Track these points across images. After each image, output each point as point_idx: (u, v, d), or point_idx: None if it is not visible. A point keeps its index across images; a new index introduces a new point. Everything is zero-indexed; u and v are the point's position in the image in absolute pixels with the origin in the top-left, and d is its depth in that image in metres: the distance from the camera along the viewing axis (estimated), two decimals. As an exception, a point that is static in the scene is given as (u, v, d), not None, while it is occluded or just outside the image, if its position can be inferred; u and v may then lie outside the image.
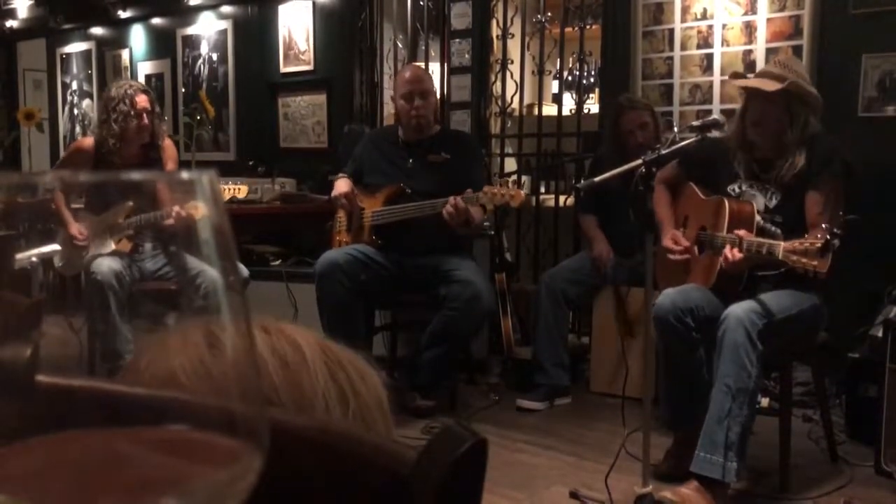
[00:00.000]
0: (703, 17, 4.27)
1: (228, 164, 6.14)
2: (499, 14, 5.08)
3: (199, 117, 6.12)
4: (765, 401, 3.53)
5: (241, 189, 3.93)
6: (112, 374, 0.40)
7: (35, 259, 0.34)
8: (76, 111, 7.89)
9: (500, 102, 5.11)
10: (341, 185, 3.88)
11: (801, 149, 2.87)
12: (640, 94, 4.43)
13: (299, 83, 5.99)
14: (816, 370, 3.19)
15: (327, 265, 3.63)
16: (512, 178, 4.96)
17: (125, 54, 7.27)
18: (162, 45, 6.97)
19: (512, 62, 5.03)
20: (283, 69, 6.09)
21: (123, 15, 7.08)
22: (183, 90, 6.76)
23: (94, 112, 7.60)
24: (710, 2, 4.24)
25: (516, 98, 5.04)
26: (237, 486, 0.32)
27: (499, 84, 5.10)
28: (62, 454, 0.32)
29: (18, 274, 0.34)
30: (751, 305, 2.73)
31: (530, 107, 5.21)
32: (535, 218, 4.89)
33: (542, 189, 5.13)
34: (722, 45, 4.23)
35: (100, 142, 3.73)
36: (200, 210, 0.33)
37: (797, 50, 3.97)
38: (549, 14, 4.91)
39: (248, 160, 5.97)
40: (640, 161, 2.60)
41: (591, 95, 5.02)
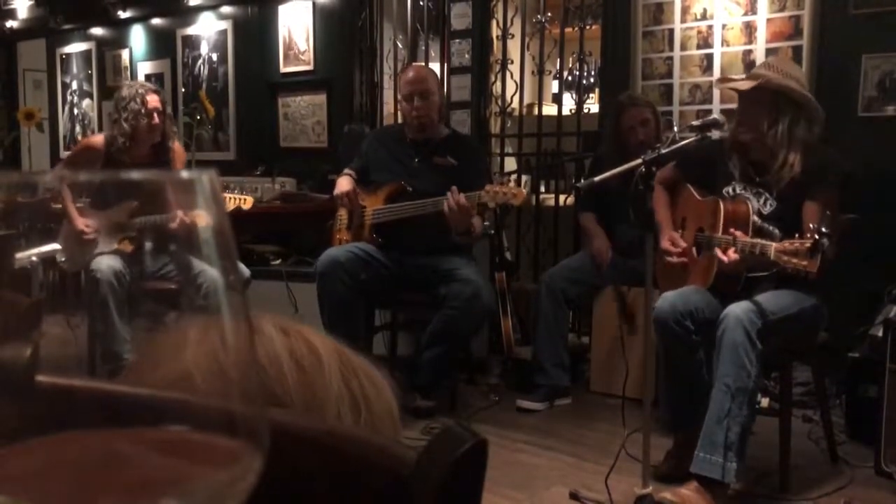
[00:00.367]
0: (703, 17, 4.27)
1: (228, 164, 6.14)
2: (499, 14, 5.08)
3: (199, 117, 6.13)
4: (765, 401, 3.53)
5: (247, 200, 3.91)
6: (113, 374, 0.40)
7: (35, 258, 0.34)
8: (76, 111, 7.89)
9: (500, 102, 5.12)
10: (343, 184, 3.88)
11: (793, 152, 2.86)
12: (640, 93, 4.43)
13: (299, 83, 5.99)
14: (816, 370, 3.19)
15: (328, 263, 3.63)
16: (513, 177, 4.98)
17: (125, 54, 7.27)
18: (162, 45, 6.97)
19: (512, 62, 5.03)
20: (283, 69, 6.09)
21: (123, 15, 7.08)
22: (183, 90, 6.76)
23: (94, 111, 7.60)
24: (710, 2, 4.24)
25: (516, 98, 5.04)
26: (237, 486, 0.32)
27: (499, 84, 5.11)
28: (62, 454, 0.32)
29: (18, 274, 0.34)
30: (750, 305, 2.73)
31: (530, 106, 5.21)
32: (535, 217, 4.89)
33: (542, 188, 5.13)
34: (722, 45, 4.22)
35: (110, 141, 3.73)
36: (203, 219, 0.33)
37: (797, 50, 3.97)
38: (549, 14, 4.91)
39: (249, 160, 5.98)
40: (639, 161, 2.60)
41: (591, 95, 5.03)
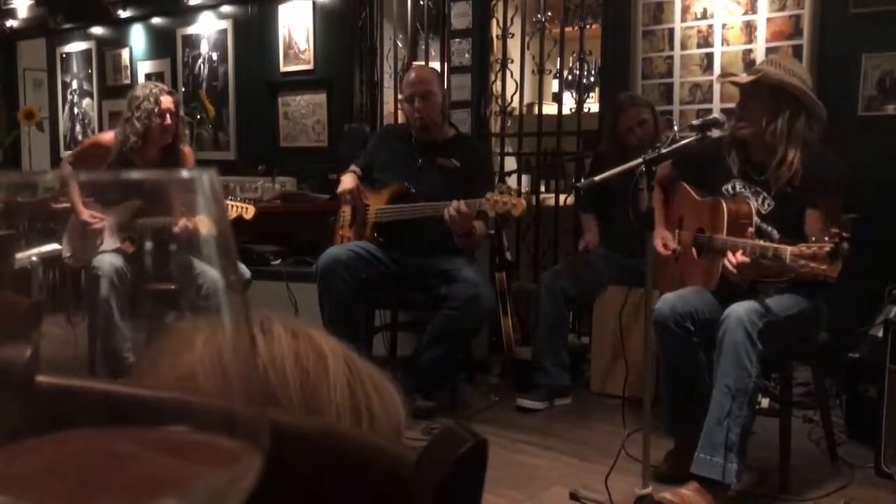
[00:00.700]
0: (703, 16, 4.27)
1: (228, 164, 6.14)
2: (499, 14, 5.08)
3: (199, 117, 6.13)
4: (765, 401, 3.53)
5: (249, 209, 3.89)
6: (113, 374, 0.40)
7: (35, 258, 0.34)
8: (76, 110, 7.88)
9: (500, 101, 5.12)
10: (347, 181, 3.87)
11: (792, 149, 2.82)
12: (640, 93, 4.43)
13: (299, 83, 5.99)
14: (816, 370, 3.19)
15: (329, 261, 3.64)
16: (513, 179, 4.97)
17: (125, 54, 7.27)
18: (162, 44, 6.97)
19: (512, 61, 5.02)
20: (283, 69, 6.09)
21: (123, 15, 7.08)
22: (183, 90, 6.75)
23: (94, 111, 7.60)
24: (710, 1, 4.24)
25: (516, 97, 5.04)
26: (237, 486, 0.32)
27: (499, 83, 5.10)
28: (62, 454, 0.32)
29: (18, 274, 0.34)
30: (751, 305, 2.72)
31: (530, 106, 5.21)
32: (536, 217, 4.89)
33: (543, 188, 5.13)
34: (722, 44, 4.23)
35: (122, 140, 3.72)
36: (205, 225, 0.34)
37: (797, 50, 3.97)
38: (549, 13, 4.91)
39: (249, 160, 5.98)
40: (640, 160, 2.60)
41: (591, 94, 5.02)
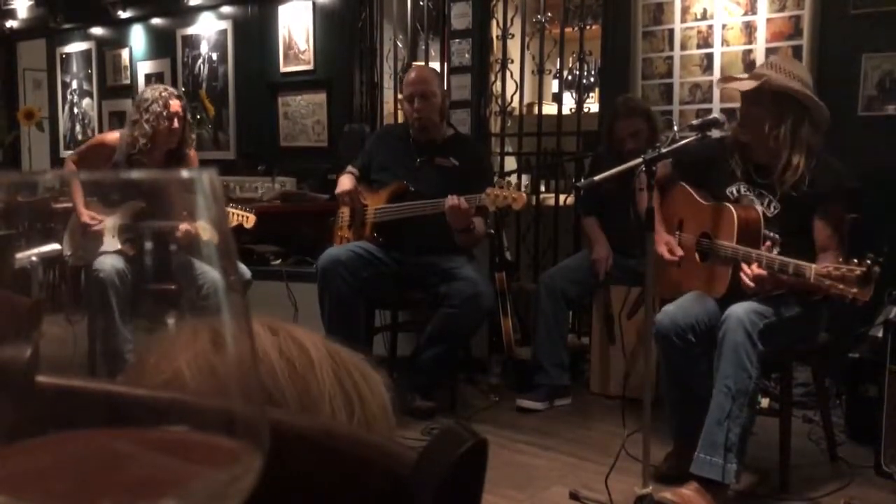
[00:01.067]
0: (703, 17, 4.27)
1: (229, 164, 6.15)
2: (499, 14, 5.08)
3: (199, 117, 6.13)
4: (765, 401, 3.53)
5: (249, 218, 3.89)
6: (113, 374, 0.40)
7: (35, 258, 0.34)
8: (76, 110, 7.88)
9: (500, 102, 5.12)
10: (345, 182, 3.88)
11: (797, 154, 2.80)
12: (640, 93, 4.43)
13: (299, 83, 5.99)
14: (816, 370, 3.19)
15: (329, 261, 3.64)
16: (513, 179, 4.97)
17: (125, 54, 7.27)
18: (162, 44, 6.97)
19: (512, 62, 5.02)
20: (283, 69, 6.09)
21: (123, 15, 7.08)
22: (183, 90, 6.75)
23: (94, 111, 7.60)
24: (710, 2, 4.24)
25: (516, 97, 5.04)
26: (237, 486, 0.32)
27: (499, 83, 5.10)
28: (62, 454, 0.32)
29: (19, 273, 0.34)
30: (752, 306, 2.72)
31: (530, 106, 5.21)
32: (535, 217, 4.89)
33: (542, 188, 5.13)
34: (722, 45, 4.23)
35: (130, 142, 3.72)
36: (207, 231, 0.34)
37: (797, 50, 3.97)
38: (549, 14, 4.91)
39: (249, 160, 5.97)
40: (640, 160, 2.59)
41: (591, 95, 5.02)
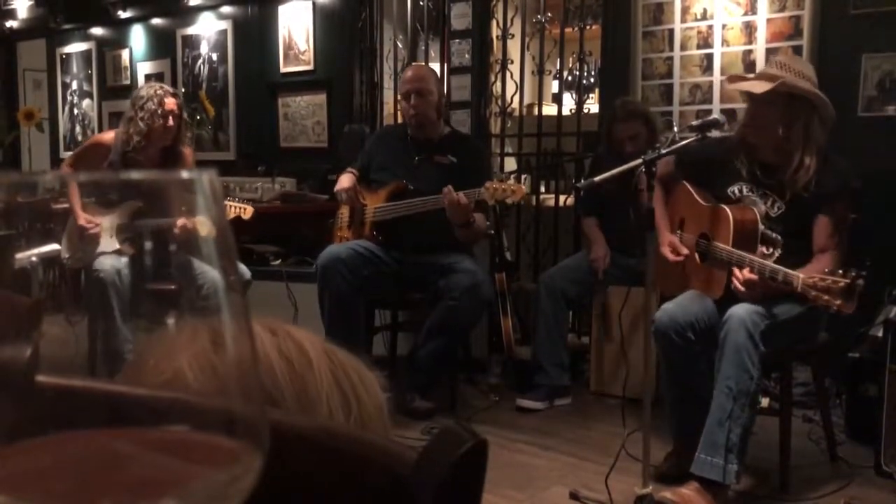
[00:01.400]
0: (703, 17, 4.27)
1: (228, 164, 6.15)
2: (499, 14, 5.08)
3: (199, 117, 6.13)
4: (765, 401, 3.53)
5: (247, 209, 3.92)
6: (113, 374, 0.40)
7: (35, 258, 0.34)
8: (76, 111, 7.88)
9: (500, 102, 5.12)
10: (344, 181, 3.89)
11: (809, 155, 2.78)
12: (640, 94, 4.43)
13: (299, 83, 5.99)
14: (816, 370, 3.19)
15: (329, 259, 3.65)
16: (512, 177, 4.97)
17: (125, 54, 7.26)
18: (162, 45, 6.97)
19: (512, 62, 5.02)
20: (283, 69, 6.09)
21: (123, 15, 7.08)
22: (183, 90, 6.75)
23: (94, 111, 7.60)
24: (710, 2, 4.24)
25: (516, 98, 5.04)
26: (237, 486, 0.32)
27: (499, 84, 5.10)
28: (62, 454, 0.32)
29: (19, 273, 0.34)
30: (753, 307, 2.71)
31: (530, 106, 5.21)
32: (535, 217, 4.89)
33: (542, 189, 5.13)
34: (722, 45, 4.23)
35: (124, 139, 3.73)
36: (205, 226, 0.34)
37: (797, 50, 3.97)
38: (549, 14, 4.91)
39: (249, 160, 5.97)
40: (639, 161, 2.59)
41: (591, 95, 5.02)
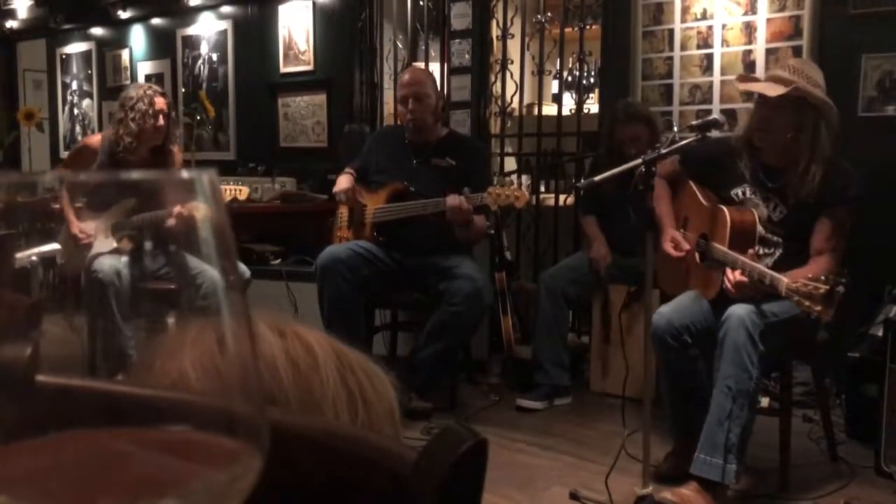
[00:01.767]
0: (703, 17, 4.27)
1: (228, 164, 6.15)
2: (499, 14, 5.08)
3: (199, 117, 6.13)
4: (765, 401, 3.53)
5: (242, 190, 3.95)
6: (113, 374, 0.40)
7: (35, 258, 0.34)
8: (76, 111, 7.88)
9: (500, 102, 5.12)
10: (342, 182, 3.89)
11: (815, 162, 2.77)
12: (640, 94, 4.43)
13: (299, 83, 5.99)
14: (816, 370, 3.19)
15: (329, 259, 3.65)
16: (513, 178, 4.98)
17: (125, 54, 7.27)
18: (162, 45, 6.97)
19: (512, 62, 5.02)
20: (283, 69, 6.09)
21: (123, 15, 7.08)
22: (183, 90, 6.75)
23: (94, 111, 7.60)
24: (710, 2, 4.24)
25: (516, 98, 5.04)
26: (237, 486, 0.32)
27: (499, 84, 5.11)
28: (62, 454, 0.32)
29: (18, 273, 0.34)
30: (752, 306, 2.71)
31: (530, 106, 5.21)
32: (535, 217, 4.89)
33: (542, 188, 5.13)
34: (722, 45, 4.23)
35: (114, 140, 3.73)
36: (202, 210, 0.33)
37: (797, 50, 3.97)
38: (549, 14, 4.91)
39: (248, 161, 5.98)
40: (640, 161, 2.59)
41: (591, 95, 5.02)
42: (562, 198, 4.87)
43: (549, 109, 5.11)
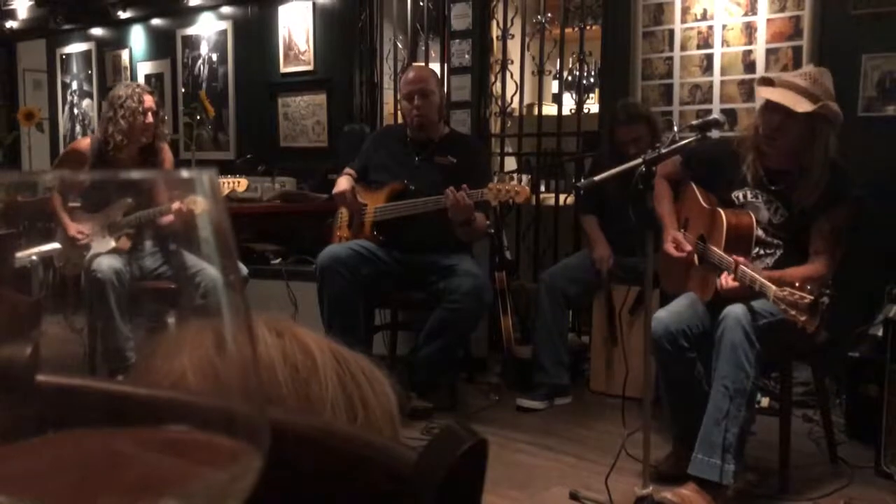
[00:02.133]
0: (703, 17, 4.27)
1: (228, 164, 6.14)
2: (499, 14, 5.08)
3: (199, 117, 6.13)
4: (765, 401, 3.53)
5: (241, 182, 3.94)
6: (113, 374, 0.40)
7: (35, 258, 0.34)
8: (76, 111, 7.89)
9: (500, 102, 5.12)
10: (342, 183, 3.90)
11: (825, 173, 2.78)
12: (640, 94, 4.43)
13: (299, 83, 6.00)
14: (816, 370, 3.19)
15: (329, 258, 3.65)
16: (513, 177, 4.98)
17: (125, 54, 7.27)
18: (162, 45, 6.97)
19: (512, 62, 5.03)
20: (283, 69, 6.09)
21: (123, 15, 7.08)
22: (183, 90, 6.76)
23: (94, 111, 7.60)
24: (710, 2, 4.24)
25: (516, 98, 5.04)
26: (237, 486, 0.32)
27: (499, 84, 5.11)
28: (62, 454, 0.32)
29: (19, 273, 0.34)
30: (749, 306, 2.72)
31: (530, 107, 5.22)
32: (535, 217, 4.90)
33: (543, 188, 5.13)
34: (722, 45, 4.23)
35: (103, 139, 3.73)
36: (199, 204, 0.33)
37: (797, 50, 3.97)
38: (549, 14, 4.92)
39: (249, 160, 5.97)
40: (640, 160, 2.59)
41: (591, 95, 5.03)
42: (562, 197, 4.87)
43: (549, 109, 5.11)
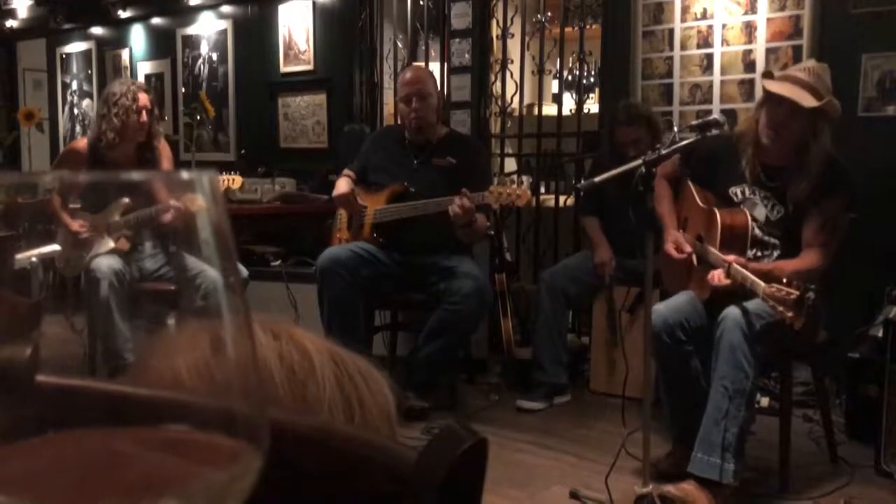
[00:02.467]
0: (703, 16, 4.27)
1: (228, 164, 6.14)
2: (499, 14, 5.08)
3: (199, 117, 6.13)
4: (765, 401, 3.53)
5: (236, 180, 3.91)
6: (112, 374, 0.40)
7: (35, 259, 0.34)
8: (76, 111, 7.89)
9: (500, 102, 5.11)
10: (341, 185, 3.89)
11: (822, 169, 2.78)
12: (640, 93, 4.43)
13: (299, 83, 5.99)
14: (816, 370, 3.19)
15: (329, 260, 3.65)
16: (513, 178, 4.98)
17: (125, 54, 7.27)
18: (162, 45, 6.97)
19: (512, 62, 5.02)
20: (283, 69, 6.09)
21: (123, 15, 7.08)
22: (183, 90, 6.76)
23: (94, 111, 7.60)
24: (710, 2, 4.24)
25: (516, 98, 5.04)
26: (237, 486, 0.32)
27: (499, 84, 5.10)
28: (62, 454, 0.32)
29: (18, 274, 0.34)
30: (748, 306, 2.72)
31: (530, 107, 5.21)
32: (535, 218, 4.89)
33: (542, 189, 5.13)
34: (722, 44, 4.23)
35: (98, 137, 3.71)
36: (198, 202, 0.33)
37: (797, 50, 3.97)
38: (549, 14, 4.91)
39: (249, 160, 5.97)
40: (640, 161, 2.59)
41: (591, 95, 5.02)
42: (562, 198, 4.86)
43: (549, 109, 5.11)
